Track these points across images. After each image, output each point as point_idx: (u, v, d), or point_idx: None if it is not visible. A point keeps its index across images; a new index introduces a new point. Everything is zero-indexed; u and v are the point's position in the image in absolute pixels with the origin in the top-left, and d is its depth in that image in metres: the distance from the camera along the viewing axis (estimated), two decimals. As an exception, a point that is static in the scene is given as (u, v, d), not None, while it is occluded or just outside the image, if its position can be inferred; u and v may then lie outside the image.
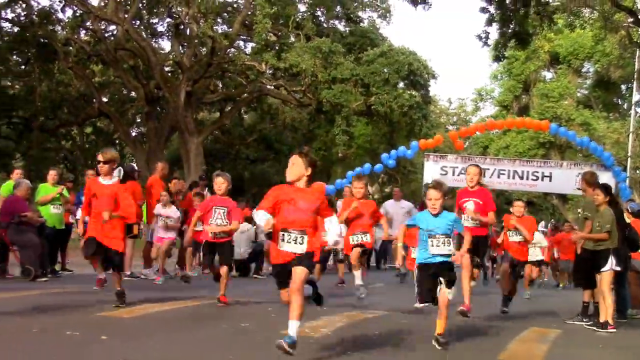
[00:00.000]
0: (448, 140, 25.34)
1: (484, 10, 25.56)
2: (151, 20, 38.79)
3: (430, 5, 28.45)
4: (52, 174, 14.36)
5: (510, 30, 25.63)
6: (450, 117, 62.53)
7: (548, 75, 50.82)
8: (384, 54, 34.61)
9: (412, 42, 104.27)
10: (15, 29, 35.75)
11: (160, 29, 39.32)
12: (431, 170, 23.14)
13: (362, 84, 34.25)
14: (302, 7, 37.52)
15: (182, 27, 35.90)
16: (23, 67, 37.72)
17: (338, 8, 37.61)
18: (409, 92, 35.63)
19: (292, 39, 35.11)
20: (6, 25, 35.72)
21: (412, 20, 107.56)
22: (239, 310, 9.90)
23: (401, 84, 36.04)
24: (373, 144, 39.87)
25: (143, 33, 36.71)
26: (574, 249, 11.30)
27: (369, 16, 39.32)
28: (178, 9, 34.39)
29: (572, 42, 46.14)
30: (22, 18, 35.34)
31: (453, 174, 23.16)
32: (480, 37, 26.24)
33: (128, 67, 36.90)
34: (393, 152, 23.49)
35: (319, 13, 38.13)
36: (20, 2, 34.35)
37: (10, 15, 35.37)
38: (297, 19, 35.06)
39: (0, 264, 13.86)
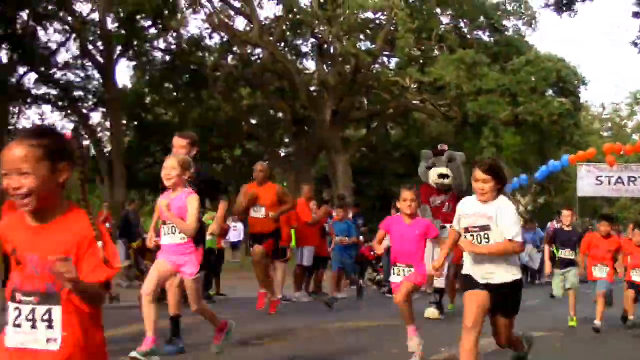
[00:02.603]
0: (602, 152, 24.27)
1: (637, 15, 24.51)
2: (295, 42, 39.39)
3: (576, 12, 27.54)
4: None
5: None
6: (605, 123, 60.31)
7: None
8: (530, 62, 33.73)
9: (560, 48, 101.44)
10: (167, 58, 37.17)
11: (304, 49, 39.87)
12: (585, 180, 22.32)
13: (509, 94, 33.46)
14: (445, 20, 37.12)
15: (326, 46, 36.29)
16: (175, 94, 39.08)
17: (482, 18, 36.95)
18: (558, 99, 34.53)
19: (436, 52, 34.79)
20: (158, 55, 37.22)
21: (559, 25, 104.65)
22: (384, 332, 9.74)
23: (550, 92, 34.98)
24: (523, 154, 38.84)
25: (288, 55, 37.33)
26: None
27: (514, 24, 38.44)
28: (321, 28, 34.78)
29: None
30: (173, 47, 36.71)
31: (609, 184, 22.26)
32: (635, 44, 25.18)
33: (274, 89, 37.59)
34: (544, 168, 22.86)
35: (462, 24, 37.59)
36: (172, 32, 35.65)
37: (162, 45, 36.84)
38: (440, 32, 34.71)
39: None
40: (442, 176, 12.32)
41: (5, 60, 33.78)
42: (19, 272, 2.99)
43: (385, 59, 38.26)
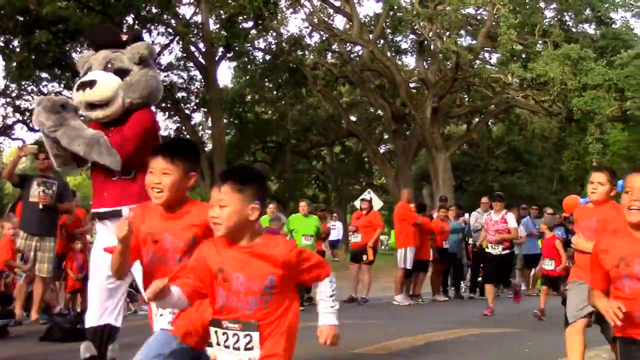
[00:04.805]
0: None
1: None
2: (395, 38, 39.22)
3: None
4: (302, 206, 14.68)
5: None
6: None
7: None
8: (639, 55, 32.60)
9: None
10: (267, 57, 37.56)
11: (403, 45, 39.71)
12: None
13: (616, 89, 32.45)
14: (548, 14, 36.26)
15: (426, 43, 35.97)
16: (275, 93, 39.48)
17: (587, 11, 35.93)
18: (668, 93, 33.31)
19: (539, 46, 34.02)
20: (259, 54, 37.66)
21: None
22: (487, 343, 9.51)
23: (660, 86, 33.76)
24: (630, 150, 37.64)
25: (387, 52, 37.18)
26: None
27: (622, 16, 37.35)
28: (421, 24, 34.46)
29: None
30: (272, 46, 37.05)
31: None
32: None
33: (374, 86, 37.51)
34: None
35: (566, 18, 36.64)
36: (272, 31, 35.97)
37: (262, 45, 37.22)
38: (544, 26, 33.91)
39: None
40: (82, 86, 5.75)
41: (111, 63, 34.68)
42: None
43: (487, 55, 37.72)
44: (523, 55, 34.14)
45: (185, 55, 35.78)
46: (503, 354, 8.37)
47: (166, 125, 38.88)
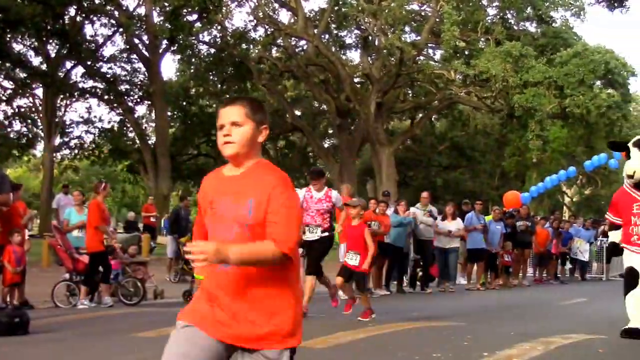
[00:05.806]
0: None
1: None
2: (339, 33, 39.36)
3: (628, 8, 27.09)
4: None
5: None
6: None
7: None
8: (578, 54, 33.20)
9: (608, 39, 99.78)
10: (212, 51, 37.40)
11: (348, 40, 39.86)
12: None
13: (556, 87, 33.03)
14: (491, 11, 36.74)
15: (370, 38, 36.19)
16: (219, 86, 39.32)
17: (529, 9, 36.48)
18: (606, 91, 34.04)
19: (482, 43, 34.47)
20: (203, 47, 37.46)
21: (608, 16, 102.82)
22: (427, 336, 9.62)
23: (598, 84, 34.48)
24: (569, 147, 38.35)
25: (332, 47, 37.31)
26: None
27: (562, 15, 37.84)
28: (366, 20, 34.67)
29: None
30: (217, 40, 36.91)
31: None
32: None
33: (318, 81, 37.61)
34: (595, 158, 22.62)
35: (508, 16, 37.16)
36: (216, 25, 35.81)
37: (207, 38, 37.04)
38: (487, 24, 34.36)
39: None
40: None
41: (53, 54, 34.22)
42: None
43: (431, 51, 38.09)
44: (466, 52, 34.55)
45: (128, 47, 35.44)
46: (443, 346, 8.50)
47: (110, 118, 38.49)
